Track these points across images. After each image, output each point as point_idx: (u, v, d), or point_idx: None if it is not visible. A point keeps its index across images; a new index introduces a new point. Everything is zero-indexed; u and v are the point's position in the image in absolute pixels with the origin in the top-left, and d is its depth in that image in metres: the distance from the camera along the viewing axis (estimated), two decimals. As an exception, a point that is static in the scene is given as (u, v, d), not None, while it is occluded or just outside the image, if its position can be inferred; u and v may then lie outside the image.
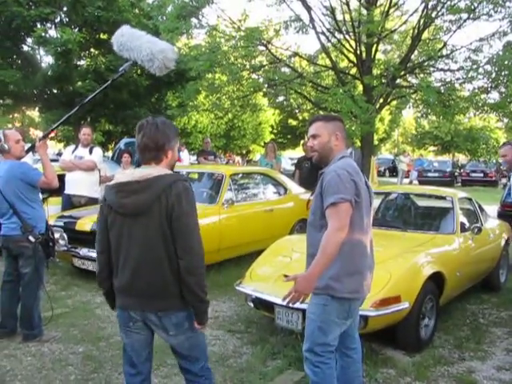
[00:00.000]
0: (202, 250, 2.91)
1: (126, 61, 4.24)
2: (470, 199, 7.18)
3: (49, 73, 17.61)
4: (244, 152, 42.30)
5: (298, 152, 38.07)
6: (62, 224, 7.44)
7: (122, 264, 2.96)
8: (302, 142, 12.43)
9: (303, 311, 4.20)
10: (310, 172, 10.82)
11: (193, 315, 2.98)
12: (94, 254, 6.99)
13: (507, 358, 4.99)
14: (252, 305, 5.33)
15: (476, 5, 11.96)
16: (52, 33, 17.49)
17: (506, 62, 11.69)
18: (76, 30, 17.39)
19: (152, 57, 3.89)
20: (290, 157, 34.55)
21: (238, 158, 41.66)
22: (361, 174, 3.31)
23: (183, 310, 2.96)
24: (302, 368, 3.57)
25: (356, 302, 3.36)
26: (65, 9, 17.63)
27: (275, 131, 41.40)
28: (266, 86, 15.52)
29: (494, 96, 13.65)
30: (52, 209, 8.18)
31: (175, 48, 4.08)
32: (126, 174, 2.98)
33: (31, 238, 4.88)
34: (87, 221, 7.21)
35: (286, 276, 3.33)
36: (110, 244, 3.01)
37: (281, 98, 23.76)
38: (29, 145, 5.48)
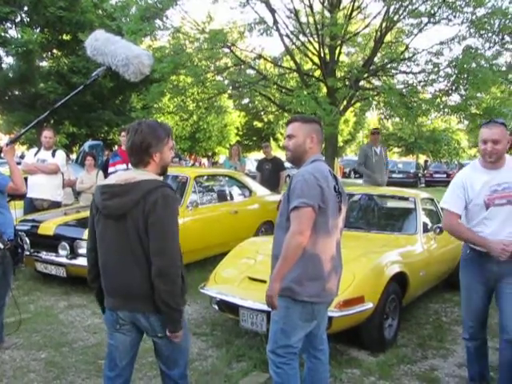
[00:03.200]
0: (177, 257, 2.86)
1: (95, 63, 4.18)
2: (432, 200, 7.28)
3: (9, 74, 17.33)
4: (209, 154, 42.23)
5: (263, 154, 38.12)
6: (24, 228, 7.31)
7: (105, 264, 2.96)
8: (263, 144, 12.45)
9: (268, 313, 4.22)
10: (270, 174, 10.93)
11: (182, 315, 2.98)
12: (56, 259, 6.91)
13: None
14: (217, 307, 5.32)
15: (436, 9, 12.22)
16: (12, 33, 17.23)
17: (465, 66, 11.93)
18: (37, 30, 17.16)
19: (127, 62, 3.85)
20: (255, 159, 34.62)
21: (204, 160, 41.60)
22: (330, 178, 3.31)
23: None
24: (267, 370, 3.59)
25: (320, 304, 3.38)
26: (25, 8, 17.38)
27: (241, 133, 41.49)
28: (231, 88, 15.55)
29: (455, 98, 13.93)
30: (14, 212, 8.06)
31: (151, 54, 4.05)
32: (115, 176, 3.01)
33: (0, 245, 4.76)
34: (50, 224, 7.10)
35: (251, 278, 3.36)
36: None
37: (246, 100, 23.73)
38: None
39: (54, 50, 18.96)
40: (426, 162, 41.80)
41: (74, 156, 22.97)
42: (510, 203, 3.82)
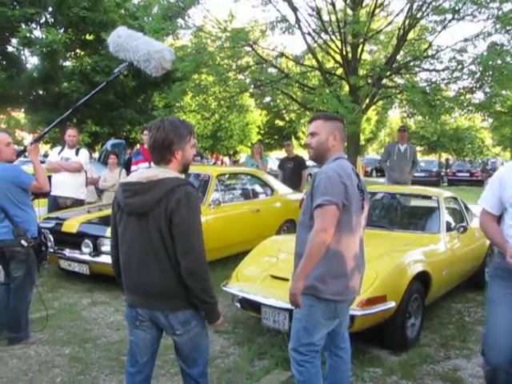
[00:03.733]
0: (203, 255, 2.88)
1: (117, 62, 4.23)
2: (455, 198, 7.22)
3: (34, 74, 17.56)
4: (231, 153, 42.28)
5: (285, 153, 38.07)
6: (48, 225, 7.39)
7: (126, 262, 2.99)
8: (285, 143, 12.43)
9: (290, 311, 4.21)
10: (292, 172, 10.91)
11: (200, 313, 3.01)
12: (79, 256, 6.98)
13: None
14: (239, 305, 5.33)
15: (460, 5, 12.04)
16: (37, 33, 17.44)
17: (490, 63, 11.77)
18: (61, 30, 17.34)
19: (149, 57, 3.89)
20: (276, 157, 34.60)
21: (225, 159, 41.66)
22: (353, 176, 3.29)
23: (190, 307, 2.95)
24: (289, 368, 3.58)
25: (343, 302, 3.37)
26: (50, 9, 17.57)
27: (262, 132, 41.45)
28: (253, 86, 15.54)
29: (479, 96, 13.77)
30: (38, 210, 8.16)
31: (172, 50, 4.08)
32: (137, 173, 3.01)
33: (24, 243, 4.81)
34: (73, 222, 7.18)
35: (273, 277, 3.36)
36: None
37: (267, 99, 23.72)
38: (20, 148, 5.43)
39: (78, 50, 19.13)
40: (447, 160, 41.40)
41: (96, 155, 23.19)
42: None
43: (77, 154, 8.26)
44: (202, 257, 2.87)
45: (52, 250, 7.30)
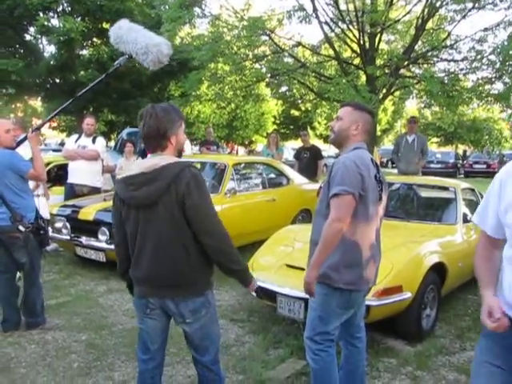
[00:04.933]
0: (225, 229, 2.94)
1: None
2: (472, 190, 7.17)
3: (51, 62, 17.61)
4: (246, 142, 42.26)
5: (300, 143, 38.02)
6: (64, 213, 7.45)
7: (138, 255, 2.97)
8: (301, 133, 12.39)
9: (305, 300, 4.21)
10: (308, 162, 10.89)
11: (211, 301, 3.05)
12: (96, 243, 7.03)
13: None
14: (254, 294, 5.33)
15: (481, -6, 11.90)
16: (54, 22, 17.49)
17: (510, 52, 11.61)
18: (78, 19, 17.37)
19: (146, 50, 3.90)
20: (292, 147, 34.52)
21: (240, 149, 41.65)
22: (371, 166, 3.28)
23: (200, 295, 2.98)
24: (304, 357, 3.60)
25: (358, 292, 3.36)
26: (67, -2, 17.61)
27: (278, 122, 41.34)
28: (269, 75, 15.49)
29: (498, 87, 13.60)
30: (55, 198, 8.23)
31: (170, 44, 4.08)
32: (135, 166, 2.99)
33: (21, 228, 4.82)
34: (90, 210, 7.22)
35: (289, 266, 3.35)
36: (126, 236, 3.04)
37: (284, 89, 23.63)
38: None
39: (94, 39, 19.15)
40: (464, 152, 41.10)
41: (111, 143, 23.28)
42: None
43: (93, 142, 8.31)
44: (223, 231, 2.93)
45: (69, 238, 7.38)
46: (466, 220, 6.20)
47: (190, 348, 3.17)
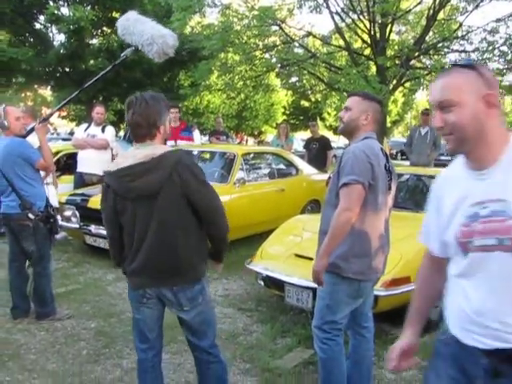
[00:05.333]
0: (225, 218, 3.02)
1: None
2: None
3: (61, 51, 17.63)
4: (256, 133, 42.24)
5: (310, 133, 37.92)
6: (74, 202, 7.48)
7: (136, 247, 2.94)
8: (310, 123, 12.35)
9: (313, 290, 4.22)
10: (317, 152, 10.88)
11: (206, 288, 3.08)
12: (105, 232, 7.04)
13: None
14: (262, 283, 5.36)
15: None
16: (64, 11, 17.50)
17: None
18: (88, 7, 17.36)
19: (152, 41, 3.89)
20: (301, 138, 34.46)
21: (249, 139, 41.60)
22: (381, 156, 3.26)
23: (198, 283, 3.00)
24: (312, 346, 3.60)
25: (366, 282, 3.36)
26: (77, -14, 17.60)
27: (287, 112, 41.32)
28: (279, 66, 15.47)
29: (510, 79, 13.52)
30: (64, 187, 8.25)
31: (176, 36, 4.07)
32: (127, 156, 2.93)
33: (30, 216, 4.82)
34: (99, 199, 7.22)
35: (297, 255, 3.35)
36: (120, 229, 3.00)
37: (294, 79, 23.58)
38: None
39: (104, 28, 19.14)
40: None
41: (121, 133, 23.33)
42: (504, 246, 1.76)
43: (103, 131, 8.32)
44: (225, 221, 3.01)
45: (78, 226, 7.40)
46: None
47: (188, 334, 3.17)
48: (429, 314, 2.37)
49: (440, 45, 13.93)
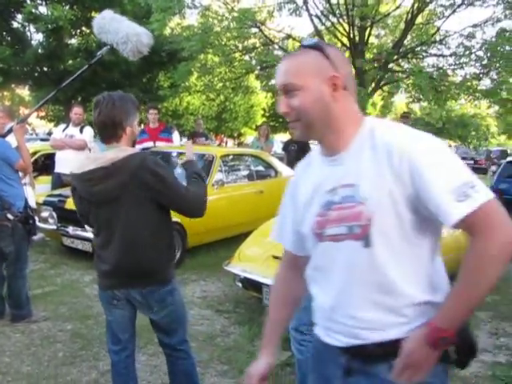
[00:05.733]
0: (197, 196, 2.99)
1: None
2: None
3: (39, 50, 17.46)
4: (235, 135, 42.23)
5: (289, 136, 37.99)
6: (51, 203, 7.42)
7: (104, 249, 2.92)
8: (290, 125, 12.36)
9: (291, 292, 4.22)
10: (296, 154, 10.88)
11: (176, 289, 3.06)
12: (82, 233, 7.00)
13: (490, 340, 5.06)
14: (240, 285, 5.36)
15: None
16: (42, 9, 17.31)
17: (498, 49, 11.70)
18: (67, 7, 17.22)
19: (126, 39, 3.87)
20: (281, 140, 34.50)
21: (230, 141, 41.58)
22: None
23: (166, 285, 2.97)
24: (289, 348, 3.60)
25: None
26: (56, -15, 17.42)
27: (267, 114, 41.33)
28: (259, 68, 15.49)
29: (486, 83, 13.72)
30: (42, 187, 8.18)
31: (151, 34, 4.05)
32: (90, 160, 2.89)
33: (9, 216, 4.79)
34: (77, 199, 7.18)
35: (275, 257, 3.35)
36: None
37: (273, 81, 23.63)
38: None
39: (83, 28, 18.99)
40: (449, 147, 41.36)
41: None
42: (354, 235, 1.63)
43: (81, 131, 8.26)
44: (197, 200, 3.00)
45: (55, 227, 7.34)
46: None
47: (158, 333, 3.16)
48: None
49: (418, 49, 14.07)
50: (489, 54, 12.18)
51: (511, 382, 4.22)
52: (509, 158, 12.97)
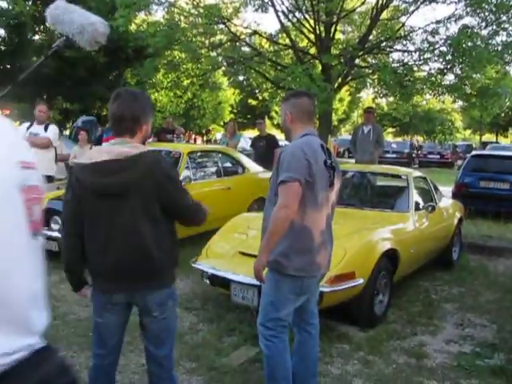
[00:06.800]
0: (201, 210, 3.13)
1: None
2: (424, 178, 7.30)
3: (1, 47, 17.15)
4: (204, 131, 42.10)
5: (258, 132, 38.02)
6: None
7: (104, 249, 2.79)
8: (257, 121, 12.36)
9: (259, 287, 4.23)
10: (264, 151, 10.90)
11: (174, 293, 3.00)
12: (48, 233, 6.89)
13: (456, 331, 5.15)
14: (208, 282, 5.34)
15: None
16: (3, 4, 17.02)
17: (460, 45, 11.88)
18: (29, 2, 16.94)
19: (82, 29, 3.80)
20: (249, 137, 34.51)
21: (199, 138, 41.43)
22: (319, 152, 3.29)
23: (167, 287, 2.91)
24: (257, 344, 3.60)
25: (310, 278, 3.38)
26: (17, -20, 17.13)
27: (235, 111, 41.32)
28: (225, 64, 15.47)
29: (450, 78, 13.92)
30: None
31: (106, 23, 3.99)
32: (102, 152, 2.81)
33: None
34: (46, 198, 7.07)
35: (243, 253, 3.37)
36: (81, 226, 2.83)
37: (241, 78, 23.68)
38: None
39: (47, 24, 18.74)
40: (417, 141, 41.90)
41: (67, 132, 22.84)
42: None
43: (46, 129, 8.15)
44: (201, 214, 3.15)
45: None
46: (417, 208, 6.32)
47: (146, 340, 3.05)
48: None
49: (383, 44, 14.20)
50: (452, 50, 12.37)
51: (476, 371, 4.29)
52: (473, 152, 13.19)
